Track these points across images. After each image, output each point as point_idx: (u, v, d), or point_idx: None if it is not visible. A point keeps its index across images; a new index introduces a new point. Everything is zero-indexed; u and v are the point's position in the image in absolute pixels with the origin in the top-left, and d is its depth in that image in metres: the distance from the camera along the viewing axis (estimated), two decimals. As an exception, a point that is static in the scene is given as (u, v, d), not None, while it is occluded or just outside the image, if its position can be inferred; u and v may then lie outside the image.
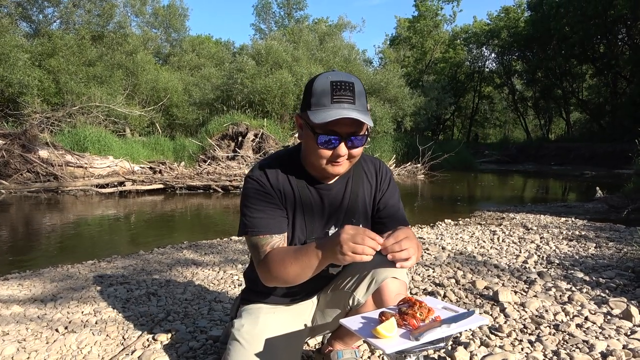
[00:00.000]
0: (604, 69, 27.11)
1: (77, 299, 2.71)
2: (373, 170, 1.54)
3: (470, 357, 1.83)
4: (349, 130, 1.27)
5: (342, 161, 1.33)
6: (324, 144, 1.29)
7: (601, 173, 16.37)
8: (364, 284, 1.44)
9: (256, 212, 1.38)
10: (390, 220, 1.51)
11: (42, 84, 15.77)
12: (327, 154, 1.31)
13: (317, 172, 1.40)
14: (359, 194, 1.49)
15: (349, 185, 1.48)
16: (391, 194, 1.54)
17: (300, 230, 1.44)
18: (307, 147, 1.37)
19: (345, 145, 1.30)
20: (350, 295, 1.46)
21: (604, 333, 2.08)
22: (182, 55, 28.16)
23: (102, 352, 1.96)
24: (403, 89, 20.96)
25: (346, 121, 1.24)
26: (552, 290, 2.72)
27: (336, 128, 1.26)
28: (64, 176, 9.90)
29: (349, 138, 1.29)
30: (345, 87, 1.26)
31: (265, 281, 1.36)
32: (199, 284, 3.01)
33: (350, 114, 1.22)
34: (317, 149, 1.30)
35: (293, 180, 1.43)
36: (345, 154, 1.30)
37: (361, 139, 1.32)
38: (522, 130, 38.81)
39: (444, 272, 3.17)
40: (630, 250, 3.77)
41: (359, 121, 1.25)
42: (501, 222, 5.66)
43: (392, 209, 1.52)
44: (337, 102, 1.24)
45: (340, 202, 1.47)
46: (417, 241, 1.24)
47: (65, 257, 4.25)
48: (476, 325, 1.11)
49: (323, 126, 1.25)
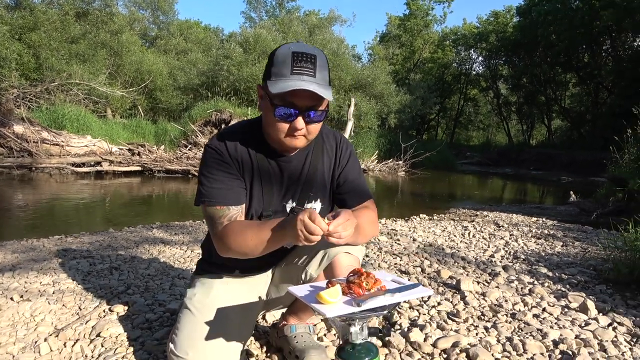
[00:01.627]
0: (587, 79, 27.63)
1: (37, 269, 2.66)
2: (334, 144, 1.52)
3: (424, 338, 1.85)
4: (307, 103, 1.24)
5: (300, 135, 1.31)
6: (281, 116, 1.26)
7: (577, 180, 16.70)
8: (316, 258, 1.43)
9: (214, 182, 1.36)
10: (351, 194, 1.50)
11: (21, 58, 15.32)
12: (285, 127, 1.28)
13: (276, 144, 1.38)
14: (318, 167, 1.48)
15: (308, 158, 1.46)
16: (351, 168, 1.52)
17: (257, 202, 1.43)
18: (265, 118, 1.34)
19: (303, 120, 1.27)
20: (302, 270, 1.46)
21: (559, 323, 2.13)
22: (169, 38, 27.68)
23: (56, 321, 1.93)
24: (389, 86, 21.00)
25: (305, 94, 1.21)
26: (514, 283, 2.77)
27: (295, 100, 1.23)
28: (38, 153, 9.68)
29: (307, 112, 1.26)
30: (306, 58, 1.23)
31: (221, 252, 1.35)
32: (164, 261, 2.98)
33: (309, 87, 1.20)
34: (274, 122, 1.28)
35: (252, 151, 1.40)
36: (302, 127, 1.27)
37: (320, 115, 1.29)
38: (504, 134, 39.34)
39: (411, 261, 3.20)
40: (594, 250, 3.87)
41: (318, 95, 1.22)
42: (474, 219, 5.74)
43: (352, 183, 1.51)
44: (297, 74, 1.21)
45: (299, 174, 1.45)
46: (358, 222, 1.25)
47: (33, 232, 4.16)
48: (419, 295, 1.12)
49: (281, 97, 1.23)
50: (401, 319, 2.06)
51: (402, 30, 35.43)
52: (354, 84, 19.75)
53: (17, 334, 1.78)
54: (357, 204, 1.49)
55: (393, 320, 2.04)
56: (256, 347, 1.74)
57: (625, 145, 7.07)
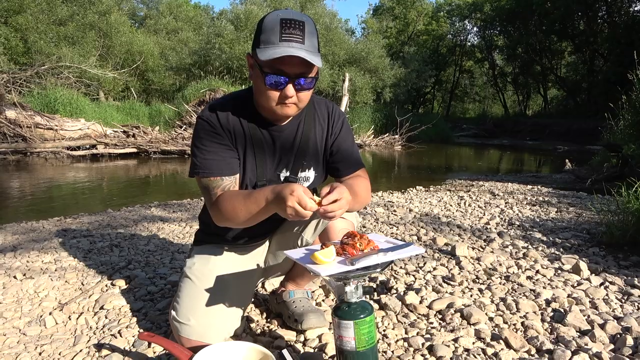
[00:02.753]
0: (582, 46, 27.38)
1: (38, 249, 2.69)
2: (326, 112, 1.52)
3: (420, 300, 1.90)
4: (297, 70, 1.25)
5: (291, 103, 1.31)
6: (271, 84, 1.26)
7: (573, 148, 16.73)
8: (311, 224, 1.46)
9: (207, 153, 1.36)
10: (343, 163, 1.52)
11: (8, 42, 15.09)
12: (275, 95, 1.29)
13: (267, 113, 1.38)
14: (311, 136, 1.49)
15: (300, 127, 1.47)
16: (344, 138, 1.53)
17: (251, 172, 1.44)
18: (256, 87, 1.35)
19: (294, 87, 1.27)
20: (299, 237, 1.49)
21: (551, 284, 2.18)
22: (159, 18, 27.19)
23: (60, 296, 1.97)
24: (384, 60, 20.81)
25: (294, 61, 1.22)
26: (508, 248, 2.82)
27: (284, 68, 1.24)
28: (33, 138, 9.61)
29: (297, 79, 1.26)
30: (295, 25, 1.23)
31: (217, 222, 1.37)
32: (164, 237, 3.01)
33: (298, 53, 1.20)
34: (265, 90, 1.29)
35: (244, 121, 1.41)
36: (292, 95, 1.28)
37: (310, 82, 1.30)
38: (500, 105, 39.19)
39: (407, 230, 3.25)
40: (588, 214, 3.92)
41: (307, 62, 1.22)
42: (470, 189, 5.78)
43: (345, 152, 1.52)
44: (285, 41, 1.21)
45: (292, 143, 1.46)
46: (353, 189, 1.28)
47: (32, 215, 4.18)
48: (411, 254, 1.15)
49: (270, 64, 1.23)
50: (397, 284, 2.11)
51: (396, 2, 34.88)
52: (347, 58, 19.56)
53: (22, 309, 1.82)
54: (350, 173, 1.51)
55: (389, 285, 2.09)
56: (256, 314, 1.78)
57: (620, 112, 7.07)
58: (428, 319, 1.76)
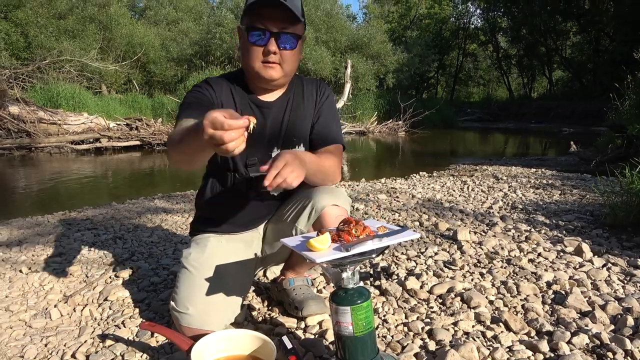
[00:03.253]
0: (587, 26, 26.93)
1: (43, 243, 2.72)
2: (314, 89, 1.54)
3: (420, 285, 1.91)
4: (279, 25, 1.31)
5: (274, 62, 1.34)
6: (254, 40, 1.32)
7: (579, 130, 16.58)
8: (304, 213, 1.46)
9: (189, 114, 1.28)
10: (318, 137, 1.51)
11: (9, 38, 15.08)
12: (259, 52, 1.33)
13: (254, 77, 1.41)
14: (299, 112, 1.50)
15: (289, 104, 1.49)
16: (323, 111, 1.53)
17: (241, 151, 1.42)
18: (243, 51, 1.39)
19: (276, 42, 1.32)
20: (292, 226, 1.49)
21: (553, 267, 2.18)
22: (159, 9, 26.96)
23: (65, 289, 1.99)
24: (386, 45, 20.59)
25: (275, 14, 1.28)
26: (511, 232, 2.81)
27: (266, 23, 1.30)
28: (37, 133, 9.65)
29: (279, 35, 1.31)
30: None
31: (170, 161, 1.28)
32: (167, 229, 3.03)
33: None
34: (249, 48, 1.34)
35: (237, 97, 1.45)
36: (275, 50, 1.32)
37: (293, 39, 1.34)
38: (505, 89, 38.80)
39: (410, 216, 3.25)
40: (592, 196, 3.90)
41: (289, 17, 1.29)
42: (473, 174, 5.76)
43: (320, 126, 1.52)
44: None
45: (281, 121, 1.48)
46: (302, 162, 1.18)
47: (37, 209, 4.21)
48: (407, 238, 1.15)
49: (252, 21, 1.30)
50: (398, 270, 2.11)
51: (397, -14, 34.43)
52: (349, 45, 19.38)
53: (27, 302, 1.85)
54: (323, 147, 1.49)
55: (390, 271, 2.09)
56: (258, 302, 1.80)
57: (626, 92, 6.98)
58: (428, 304, 1.77)
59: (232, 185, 1.50)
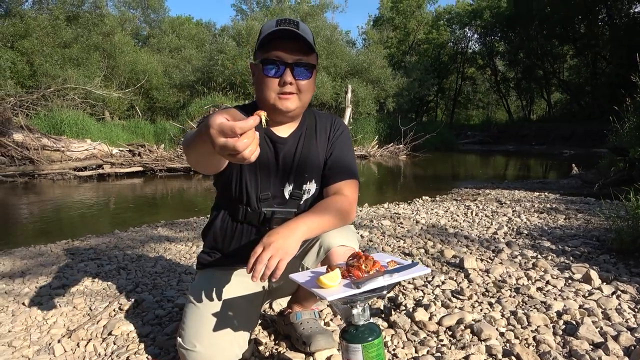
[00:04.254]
0: (584, 49, 27.39)
1: (46, 274, 2.69)
2: (328, 125, 1.53)
3: (429, 317, 1.88)
4: (294, 57, 1.31)
5: (291, 93, 1.34)
6: (269, 71, 1.32)
7: (579, 152, 16.67)
8: (312, 251, 1.43)
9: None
10: (331, 171, 1.48)
11: (15, 66, 15.32)
12: (274, 84, 1.33)
13: (269, 110, 1.37)
14: (312, 148, 1.48)
15: (301, 139, 1.48)
16: (337, 145, 1.51)
17: (251, 185, 1.44)
18: (257, 85, 1.39)
19: (292, 73, 1.32)
20: (299, 264, 1.46)
21: (562, 295, 2.15)
22: (162, 36, 27.50)
23: (68, 322, 1.96)
24: (386, 70, 20.89)
25: (290, 46, 1.30)
26: (517, 258, 2.79)
27: (280, 55, 1.31)
28: (40, 160, 9.71)
29: (294, 66, 1.32)
30: (289, 21, 1.33)
31: (189, 163, 1.26)
32: (170, 258, 3.01)
33: (292, 30, 1.28)
34: (265, 81, 1.34)
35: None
36: (291, 80, 1.32)
37: (308, 69, 1.35)
38: (504, 111, 39.14)
39: (415, 243, 3.23)
40: (597, 220, 3.88)
41: (303, 48, 1.31)
42: (476, 198, 5.75)
43: (334, 162, 1.49)
44: (279, 25, 1.31)
45: (293, 156, 1.47)
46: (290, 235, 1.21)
47: (40, 238, 4.20)
48: (418, 274, 1.14)
49: (267, 51, 1.31)
50: (406, 300, 2.09)
51: (395, 12, 35.11)
52: (349, 70, 19.65)
53: (31, 337, 1.82)
54: (336, 182, 1.47)
55: (398, 302, 2.07)
56: (264, 336, 1.77)
57: (625, 115, 7.03)
58: (438, 336, 1.74)
59: (243, 219, 1.48)
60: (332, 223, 1.36)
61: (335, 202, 1.41)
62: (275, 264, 1.14)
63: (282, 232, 1.22)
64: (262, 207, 1.46)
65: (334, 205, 1.39)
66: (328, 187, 1.47)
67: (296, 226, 1.25)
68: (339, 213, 1.38)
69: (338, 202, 1.41)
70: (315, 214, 1.34)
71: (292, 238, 1.21)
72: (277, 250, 1.16)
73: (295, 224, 1.26)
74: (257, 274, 1.13)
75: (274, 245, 1.16)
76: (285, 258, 1.17)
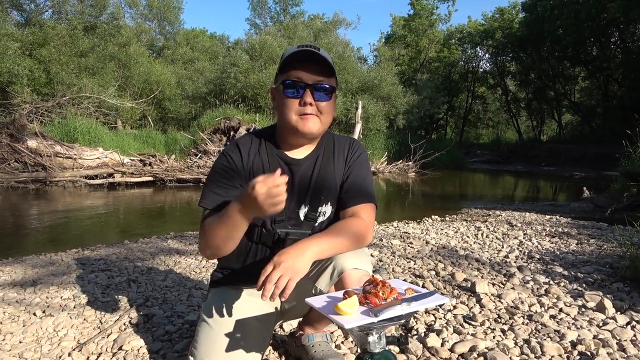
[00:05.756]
0: (596, 72, 27.32)
1: (57, 284, 2.71)
2: (346, 148, 1.53)
3: (441, 343, 1.86)
4: (315, 78, 1.33)
5: (311, 114, 1.35)
6: (290, 92, 1.34)
7: (590, 175, 16.50)
8: (326, 274, 1.42)
9: (216, 187, 1.41)
10: (348, 195, 1.48)
11: (32, 74, 15.61)
12: (295, 105, 1.35)
13: (290, 132, 1.41)
14: (328, 170, 1.48)
15: (318, 161, 1.48)
16: (356, 169, 1.51)
17: None
18: (278, 108, 1.40)
19: (312, 95, 1.33)
20: (312, 286, 1.45)
21: (576, 324, 2.12)
22: (176, 48, 27.95)
23: (78, 335, 1.97)
24: (396, 87, 20.98)
25: (310, 67, 1.32)
26: (530, 284, 2.76)
27: (301, 76, 1.32)
28: (52, 167, 9.82)
29: (314, 86, 1.33)
30: (310, 45, 1.35)
31: (202, 250, 1.39)
32: (180, 272, 3.02)
33: (313, 50, 1.32)
34: (285, 102, 1.35)
35: (265, 157, 1.45)
36: (311, 101, 1.34)
37: (328, 91, 1.36)
38: (514, 131, 39.03)
39: (425, 265, 3.20)
40: (610, 247, 3.83)
41: (324, 71, 1.33)
42: (487, 219, 5.71)
43: (350, 185, 1.49)
44: (301, 48, 1.34)
45: (310, 178, 1.47)
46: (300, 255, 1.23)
47: (51, 246, 4.23)
48: (435, 303, 1.14)
49: (288, 73, 1.33)
50: (417, 324, 2.07)
51: (407, 30, 35.39)
52: (360, 86, 19.77)
53: (41, 349, 1.82)
54: (352, 205, 1.46)
55: (409, 325, 2.05)
56: (275, 357, 1.76)
57: (638, 139, 6.98)
58: (450, 364, 1.72)
59: (258, 240, 1.49)
60: (346, 245, 1.36)
61: (350, 224, 1.40)
62: (284, 283, 1.15)
63: (293, 251, 1.22)
64: (277, 229, 1.46)
65: (348, 228, 1.39)
66: (344, 210, 1.47)
67: (307, 246, 1.25)
68: (353, 236, 1.37)
69: (354, 225, 1.40)
70: (328, 236, 1.34)
71: (302, 258, 1.21)
72: (287, 269, 1.16)
73: (307, 244, 1.26)
74: (267, 293, 1.14)
75: (284, 265, 1.17)
76: (295, 278, 1.17)
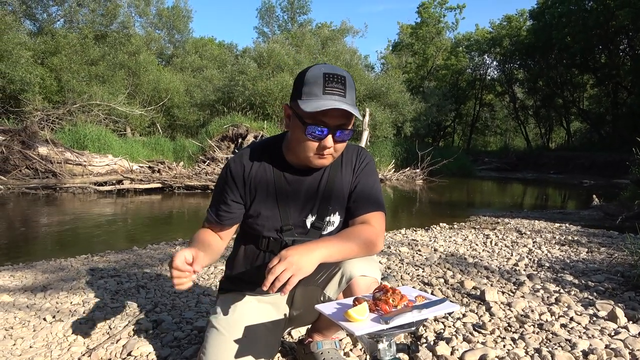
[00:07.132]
0: (604, 79, 27.16)
1: (67, 289, 2.73)
2: (354, 157, 1.52)
3: (451, 351, 1.85)
4: (338, 122, 1.30)
5: (328, 154, 1.35)
6: (312, 134, 1.30)
7: (600, 182, 16.36)
8: (334, 281, 1.41)
9: (218, 198, 1.51)
10: (356, 204, 1.48)
11: (44, 82, 15.83)
12: (314, 146, 1.33)
13: (301, 162, 1.41)
14: (336, 180, 1.48)
15: (326, 171, 1.48)
16: (364, 178, 1.50)
17: (274, 219, 1.46)
18: (294, 137, 1.38)
19: (333, 138, 1.31)
20: (321, 293, 1.45)
21: (587, 333, 2.09)
22: (185, 56, 28.23)
23: (88, 340, 1.98)
24: (404, 95, 21.01)
25: (336, 113, 1.27)
26: (540, 292, 2.73)
27: (326, 119, 1.28)
28: (62, 173, 9.92)
29: (337, 130, 1.31)
30: (337, 79, 1.29)
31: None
32: (189, 278, 3.02)
33: (341, 106, 1.25)
34: (304, 140, 1.32)
35: (270, 168, 1.46)
36: (331, 146, 1.32)
37: (348, 133, 1.34)
38: (522, 138, 38.82)
39: (434, 272, 3.19)
40: (621, 255, 3.79)
41: (348, 114, 1.28)
42: (495, 227, 5.67)
43: (358, 194, 1.48)
44: (328, 94, 1.27)
45: (317, 188, 1.47)
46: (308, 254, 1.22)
47: (60, 251, 4.27)
48: (446, 311, 1.13)
49: (313, 116, 1.27)
50: (427, 332, 2.05)
51: (415, 38, 35.48)
52: (368, 94, 19.82)
53: (51, 354, 1.84)
54: (362, 214, 1.46)
55: (419, 333, 2.04)
56: (284, 364, 1.76)
57: (648, 147, 6.91)
58: (460, 372, 1.70)
59: (266, 248, 1.49)
60: (355, 251, 1.35)
61: (361, 231, 1.40)
62: (286, 277, 1.15)
63: (301, 249, 1.23)
64: (285, 237, 1.48)
65: (359, 234, 1.38)
66: (354, 219, 1.46)
67: (316, 247, 1.25)
68: (363, 242, 1.37)
69: (364, 232, 1.40)
70: (338, 240, 1.34)
71: (308, 257, 1.21)
72: (292, 264, 1.17)
73: (316, 245, 1.26)
74: (267, 283, 1.15)
75: (289, 260, 1.18)
76: (298, 274, 1.17)
